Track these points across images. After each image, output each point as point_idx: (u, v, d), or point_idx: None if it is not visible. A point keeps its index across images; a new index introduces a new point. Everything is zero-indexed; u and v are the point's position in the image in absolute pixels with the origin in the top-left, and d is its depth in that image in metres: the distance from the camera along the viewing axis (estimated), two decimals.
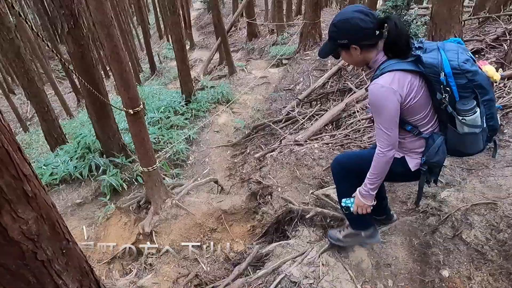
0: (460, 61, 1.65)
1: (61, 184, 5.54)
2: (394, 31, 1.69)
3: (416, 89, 1.74)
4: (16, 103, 16.89)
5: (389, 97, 1.69)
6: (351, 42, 1.78)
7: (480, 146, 1.82)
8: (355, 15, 1.72)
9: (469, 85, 1.66)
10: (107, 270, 4.13)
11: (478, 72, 1.67)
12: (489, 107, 1.75)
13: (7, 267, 1.22)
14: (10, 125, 1.24)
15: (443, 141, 1.86)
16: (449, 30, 5.86)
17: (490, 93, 1.72)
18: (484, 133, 1.79)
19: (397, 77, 1.70)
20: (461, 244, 2.36)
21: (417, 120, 1.85)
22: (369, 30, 1.73)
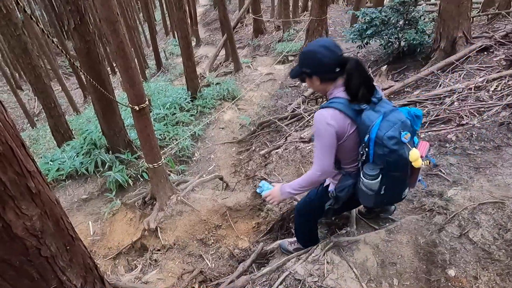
0: (386, 135, 1.75)
1: (68, 179, 5.58)
2: (351, 72, 1.80)
3: (350, 134, 1.89)
4: (23, 99, 17.03)
5: (326, 128, 1.84)
6: (313, 73, 1.91)
7: (370, 204, 2.06)
8: (320, 49, 1.83)
9: (383, 160, 1.80)
10: (113, 266, 4.16)
11: (397, 152, 1.78)
12: (393, 183, 1.92)
13: (11, 263, 1.22)
14: (13, 121, 1.24)
15: (352, 185, 2.07)
16: (457, 26, 5.79)
17: (401, 174, 1.90)
18: (378, 197, 1.96)
19: (339, 115, 1.84)
20: (468, 243, 2.33)
21: (341, 156, 2.04)
22: (329, 66, 1.84)
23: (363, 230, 2.87)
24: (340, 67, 1.84)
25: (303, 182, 2.08)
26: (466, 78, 5.06)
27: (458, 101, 4.43)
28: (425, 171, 3.33)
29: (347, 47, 9.34)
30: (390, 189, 1.94)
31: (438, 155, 3.51)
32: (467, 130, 3.71)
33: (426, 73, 5.69)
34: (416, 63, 6.63)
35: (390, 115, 1.82)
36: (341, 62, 1.83)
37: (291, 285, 2.45)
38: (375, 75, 6.58)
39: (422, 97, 4.86)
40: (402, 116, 1.87)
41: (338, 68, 1.84)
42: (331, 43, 1.86)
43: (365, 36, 6.87)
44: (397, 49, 6.99)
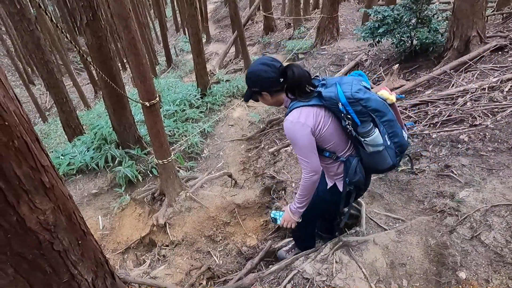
0: (353, 91, 1.89)
1: (78, 174, 5.64)
2: (292, 78, 1.93)
3: (322, 119, 1.98)
4: (35, 93, 17.24)
5: (299, 129, 1.94)
6: (261, 90, 2.04)
7: (389, 162, 2.00)
8: (259, 67, 1.99)
9: (365, 111, 1.89)
10: (121, 260, 4.19)
11: (371, 99, 1.90)
12: (389, 127, 1.97)
13: (24, 256, 1.24)
14: (28, 116, 1.25)
15: (359, 162, 2.10)
16: (472, 26, 5.71)
17: (388, 115, 1.95)
18: (390, 149, 1.99)
19: (304, 111, 1.95)
20: (480, 246, 2.30)
21: (332, 146, 2.09)
22: (273, 79, 1.98)
23: (373, 230, 2.85)
24: (282, 77, 1.99)
25: (302, 192, 2.14)
26: (480, 78, 4.99)
27: (471, 101, 4.37)
28: (436, 172, 3.29)
29: (358, 45, 9.26)
30: (392, 135, 1.99)
31: (450, 156, 3.47)
32: (480, 131, 3.66)
33: (438, 72, 5.62)
34: (428, 62, 6.55)
35: (343, 80, 1.98)
36: (282, 72, 1.98)
37: (299, 283, 2.44)
38: (386, 74, 6.52)
39: (434, 97, 4.80)
40: (351, 77, 2.05)
41: (281, 79, 1.99)
42: (268, 59, 2.03)
43: (377, 35, 6.80)
44: (409, 48, 6.91)
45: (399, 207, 3.11)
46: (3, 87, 1.10)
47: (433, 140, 3.84)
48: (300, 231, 2.72)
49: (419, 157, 3.65)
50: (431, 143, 3.80)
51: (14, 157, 1.12)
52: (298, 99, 2.00)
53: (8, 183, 1.12)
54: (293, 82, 1.95)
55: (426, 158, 3.60)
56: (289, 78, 1.96)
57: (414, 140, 4.00)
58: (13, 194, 1.14)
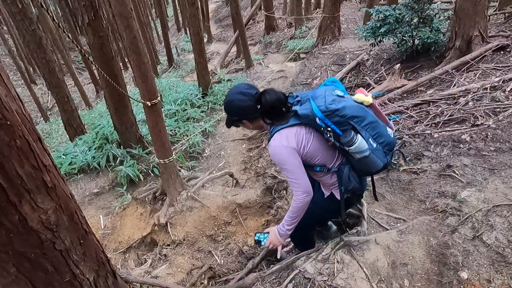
0: (327, 103, 1.90)
1: (80, 173, 5.65)
2: (266, 104, 1.98)
3: (304, 137, 2.01)
4: (37, 93, 17.28)
5: (284, 152, 1.96)
6: (240, 118, 2.10)
7: (380, 164, 2.00)
8: (236, 97, 2.02)
9: (343, 120, 1.90)
10: (123, 259, 4.20)
11: (346, 107, 1.90)
12: (372, 129, 1.96)
13: (26, 256, 1.24)
14: (30, 115, 1.25)
15: (350, 169, 2.12)
16: (474, 25, 5.69)
17: (367, 118, 1.95)
18: (378, 151, 1.98)
19: (285, 134, 1.98)
20: (481, 246, 2.30)
21: (320, 160, 2.11)
22: (250, 108, 2.01)
23: (374, 230, 2.85)
24: (259, 104, 2.01)
25: (293, 214, 2.12)
26: (482, 77, 4.98)
27: (473, 101, 4.36)
28: (438, 172, 3.29)
29: (360, 45, 9.25)
30: (377, 136, 1.98)
31: (451, 156, 3.46)
32: (482, 130, 3.66)
33: (440, 72, 5.61)
34: (430, 62, 6.53)
35: (315, 94, 2.00)
36: (258, 99, 2.01)
37: (301, 283, 2.44)
38: (388, 73, 6.51)
39: (436, 97, 4.79)
40: (323, 88, 2.07)
41: (258, 105, 2.01)
42: (244, 87, 2.05)
43: (379, 34, 6.79)
44: (411, 47, 6.90)
45: (401, 207, 3.11)
46: (5, 86, 1.10)
47: (435, 140, 3.83)
48: (298, 237, 2.76)
49: (421, 157, 3.65)
50: (433, 143, 3.79)
51: (16, 156, 1.12)
52: (275, 124, 2.05)
53: (10, 182, 1.12)
54: (268, 108, 1.99)
55: (428, 158, 3.60)
56: (263, 105, 1.99)
57: (416, 140, 4.00)
58: (15, 193, 1.14)
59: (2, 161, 1.09)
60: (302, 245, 2.84)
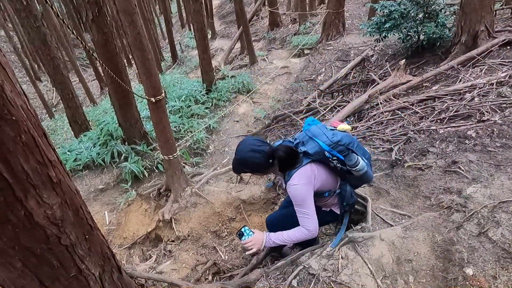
0: (330, 138, 2.26)
1: (85, 169, 5.68)
2: (284, 160, 2.23)
3: (316, 171, 2.30)
4: (42, 89, 17.37)
5: (304, 190, 2.21)
6: (253, 172, 2.34)
7: (372, 175, 2.47)
8: (248, 155, 2.17)
9: (343, 148, 2.27)
10: (128, 255, 4.22)
11: (343, 137, 2.28)
12: (359, 149, 2.36)
13: (32, 251, 1.25)
14: (36, 111, 1.25)
15: (351, 187, 2.50)
16: (480, 20, 5.64)
17: (354, 141, 2.34)
18: (368, 166, 2.38)
19: (302, 173, 2.23)
20: (487, 242, 2.28)
21: (328, 186, 2.44)
22: (262, 163, 2.20)
23: (379, 226, 2.84)
24: (271, 158, 2.22)
25: (290, 237, 2.33)
26: (488, 73, 4.93)
27: (479, 96, 4.32)
28: (443, 168, 3.27)
29: (364, 40, 9.20)
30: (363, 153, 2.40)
31: (457, 152, 3.44)
32: (488, 126, 3.63)
33: (445, 67, 5.57)
34: (436, 57, 6.49)
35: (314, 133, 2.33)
36: (271, 154, 2.21)
37: (305, 279, 2.44)
38: (393, 69, 6.47)
39: (441, 92, 4.76)
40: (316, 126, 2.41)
41: (271, 160, 2.22)
42: (256, 144, 2.21)
43: (383, 30, 6.75)
44: (416, 43, 6.85)
45: (406, 203, 3.09)
46: (11, 82, 1.11)
47: (440, 135, 3.81)
48: None
49: (426, 153, 3.62)
50: (438, 138, 3.76)
51: (21, 152, 1.13)
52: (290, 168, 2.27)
53: (15, 177, 1.12)
54: (286, 162, 2.25)
55: (433, 154, 3.57)
56: (281, 161, 2.24)
57: (421, 136, 3.97)
58: (21, 189, 1.15)
59: (7, 156, 1.09)
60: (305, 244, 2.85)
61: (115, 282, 1.68)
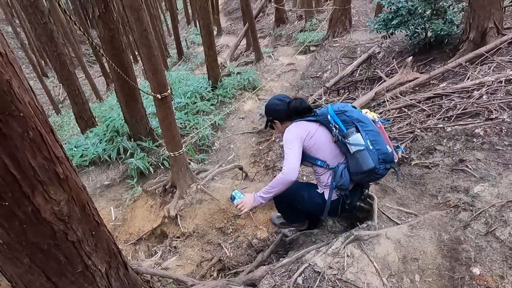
0: (339, 107, 2.38)
1: (91, 165, 5.71)
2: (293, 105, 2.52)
3: (315, 131, 2.45)
4: (49, 86, 17.45)
5: (293, 134, 2.41)
6: (273, 118, 2.62)
7: (371, 163, 2.28)
8: (273, 101, 2.60)
9: (348, 120, 2.33)
10: (133, 251, 4.25)
11: (354, 111, 2.36)
12: (372, 135, 2.31)
13: (39, 246, 1.25)
14: (43, 107, 1.25)
15: (345, 168, 2.42)
16: (489, 17, 5.57)
17: (371, 126, 2.33)
18: (371, 152, 2.29)
19: (300, 124, 2.48)
20: (495, 242, 2.26)
21: (322, 155, 2.47)
22: (282, 111, 2.55)
23: (385, 224, 2.82)
24: (289, 105, 2.52)
25: (272, 185, 2.42)
26: (496, 70, 4.88)
27: (487, 94, 4.28)
28: (450, 166, 3.24)
29: (371, 37, 9.13)
30: (375, 143, 2.30)
31: (464, 150, 3.41)
32: (496, 124, 3.59)
33: (453, 65, 5.51)
34: (443, 54, 6.42)
35: (332, 106, 2.42)
36: (289, 103, 2.54)
37: (310, 277, 2.44)
38: (399, 66, 6.42)
39: (449, 90, 4.71)
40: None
41: (288, 107, 2.52)
42: (281, 95, 2.63)
43: (390, 26, 6.69)
44: (424, 40, 6.78)
45: (412, 201, 3.07)
46: (18, 78, 1.11)
47: (448, 134, 3.78)
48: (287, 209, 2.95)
49: (433, 151, 3.60)
50: (445, 137, 3.73)
51: (28, 148, 1.13)
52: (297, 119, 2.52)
53: (23, 173, 1.13)
54: (294, 109, 2.51)
55: (440, 152, 3.55)
56: (293, 109, 2.51)
57: (428, 134, 3.94)
58: (28, 185, 1.15)
59: (15, 152, 1.09)
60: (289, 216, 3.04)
61: (121, 278, 1.69)
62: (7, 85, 1.05)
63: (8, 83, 1.05)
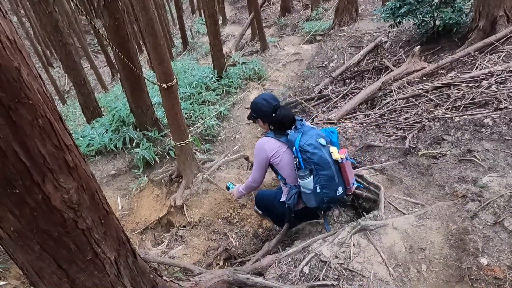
0: (305, 143, 2.45)
1: (97, 155, 5.74)
2: (277, 117, 2.60)
3: (281, 153, 2.63)
4: (54, 76, 17.50)
5: (259, 152, 2.67)
6: (257, 117, 2.73)
7: (313, 203, 2.59)
8: (261, 101, 2.65)
9: (308, 160, 2.45)
10: (140, 240, 4.28)
11: (316, 154, 2.44)
12: (324, 180, 2.49)
13: (50, 234, 1.26)
14: (51, 95, 1.25)
15: (296, 193, 2.70)
16: (499, 4, 5.48)
17: (327, 171, 2.49)
18: (316, 195, 2.54)
19: (271, 142, 2.65)
20: (503, 232, 2.26)
21: (284, 174, 2.73)
22: (267, 112, 2.62)
23: (391, 214, 2.82)
24: (274, 113, 2.61)
25: (244, 187, 3.00)
26: (506, 60, 4.81)
27: (496, 84, 4.22)
28: (458, 156, 3.22)
29: (378, 26, 9.03)
30: (324, 187, 2.51)
31: (472, 140, 3.38)
32: (506, 114, 3.55)
33: (462, 54, 5.45)
34: (452, 43, 6.34)
35: (308, 132, 2.55)
36: (274, 109, 2.60)
37: (316, 266, 2.45)
38: (407, 56, 6.35)
39: (457, 80, 4.66)
40: (318, 131, 2.64)
41: (273, 114, 2.61)
42: (269, 96, 2.69)
43: (398, 15, 6.60)
44: (432, 28, 6.69)
45: (419, 191, 3.06)
46: (27, 65, 1.10)
47: (456, 124, 3.74)
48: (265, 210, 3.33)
49: (441, 141, 3.57)
50: (454, 127, 3.70)
51: (38, 136, 1.13)
52: (274, 132, 2.67)
53: (33, 161, 1.13)
54: (276, 120, 2.61)
55: (448, 142, 3.52)
56: (275, 116, 2.60)
57: (436, 124, 3.91)
58: (38, 173, 1.15)
59: (25, 140, 1.09)
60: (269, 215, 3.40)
61: (130, 266, 1.70)
62: (17, 72, 1.04)
63: (17, 70, 1.05)
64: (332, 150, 2.54)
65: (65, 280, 1.41)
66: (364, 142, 3.95)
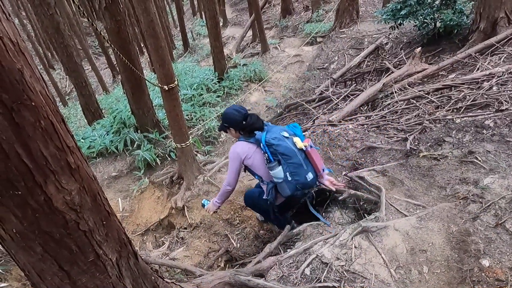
0: (270, 138, 2.66)
1: (98, 157, 5.74)
2: (247, 124, 2.79)
3: (253, 153, 2.81)
4: (55, 78, 17.52)
5: (233, 156, 2.83)
6: (229, 126, 2.89)
7: (287, 192, 2.73)
8: (232, 111, 2.84)
9: (275, 152, 2.65)
10: (141, 242, 4.28)
11: (281, 145, 2.64)
12: (293, 168, 2.66)
13: (51, 235, 1.26)
14: (54, 97, 1.25)
15: (273, 187, 2.85)
16: (500, 6, 5.49)
17: (293, 158, 2.66)
18: (289, 183, 2.69)
19: (242, 145, 2.83)
20: (504, 234, 2.25)
21: (259, 173, 2.89)
22: (238, 121, 2.81)
23: (393, 216, 2.82)
24: (245, 120, 2.80)
25: (219, 195, 3.07)
26: (507, 61, 4.81)
27: (498, 85, 4.22)
28: (459, 158, 3.22)
29: (378, 28, 9.04)
30: (294, 174, 2.66)
31: (474, 142, 3.37)
32: (507, 116, 3.54)
33: (463, 55, 5.44)
34: (452, 45, 6.34)
35: (272, 129, 2.77)
36: (245, 117, 2.81)
37: (318, 268, 2.45)
38: (408, 57, 6.35)
39: (458, 81, 4.66)
40: (281, 127, 2.87)
41: (244, 121, 2.80)
42: (238, 106, 2.91)
43: (399, 17, 6.61)
44: (433, 30, 6.70)
45: (420, 193, 3.06)
46: (30, 67, 1.11)
47: (457, 125, 3.74)
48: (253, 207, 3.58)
49: (442, 142, 3.57)
50: (455, 128, 3.70)
51: (41, 137, 1.13)
52: (243, 136, 2.85)
53: (35, 163, 1.13)
54: (247, 126, 2.79)
55: (449, 143, 3.51)
56: (246, 123, 2.78)
57: (437, 126, 3.91)
58: (40, 174, 1.15)
59: (27, 142, 1.10)
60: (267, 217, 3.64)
61: (131, 267, 1.70)
62: (19, 74, 1.04)
63: (20, 72, 1.05)
64: (295, 140, 2.72)
65: (67, 282, 1.41)
66: (365, 143, 3.95)
